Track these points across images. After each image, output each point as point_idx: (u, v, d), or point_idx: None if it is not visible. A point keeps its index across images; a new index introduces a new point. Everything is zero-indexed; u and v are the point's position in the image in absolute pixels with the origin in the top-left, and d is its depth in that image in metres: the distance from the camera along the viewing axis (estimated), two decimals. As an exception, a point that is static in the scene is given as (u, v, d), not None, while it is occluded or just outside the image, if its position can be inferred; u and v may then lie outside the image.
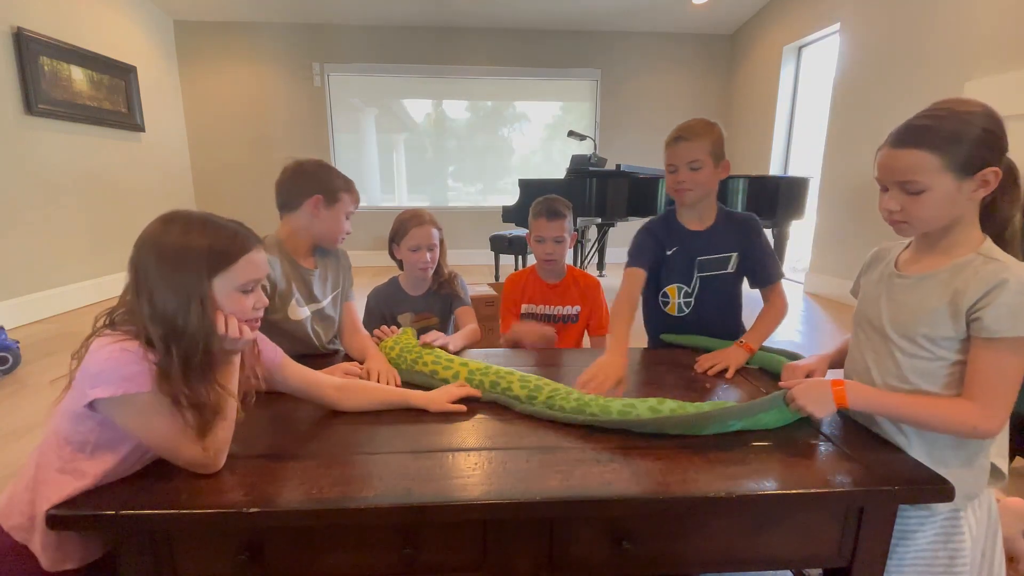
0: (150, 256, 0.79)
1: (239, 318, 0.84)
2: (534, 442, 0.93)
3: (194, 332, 0.79)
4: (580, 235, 4.49)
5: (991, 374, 0.81)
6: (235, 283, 0.83)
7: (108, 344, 0.77)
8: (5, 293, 3.36)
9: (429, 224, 1.58)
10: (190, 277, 0.79)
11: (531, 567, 0.82)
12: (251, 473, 0.81)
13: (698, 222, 1.44)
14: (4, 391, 2.38)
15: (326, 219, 1.37)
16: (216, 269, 0.81)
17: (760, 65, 5.38)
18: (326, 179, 1.37)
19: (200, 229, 0.81)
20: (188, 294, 0.79)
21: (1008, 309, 0.78)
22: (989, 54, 2.99)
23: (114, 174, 4.34)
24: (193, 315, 0.79)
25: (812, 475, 0.82)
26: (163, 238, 0.80)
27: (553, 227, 1.64)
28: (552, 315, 1.72)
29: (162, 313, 0.78)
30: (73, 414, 0.79)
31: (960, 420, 0.83)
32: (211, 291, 0.81)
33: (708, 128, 1.35)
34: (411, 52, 5.75)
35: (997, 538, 0.94)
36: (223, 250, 0.82)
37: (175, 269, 0.79)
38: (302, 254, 1.39)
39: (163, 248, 0.79)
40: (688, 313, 1.47)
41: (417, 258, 1.58)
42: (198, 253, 0.80)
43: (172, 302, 0.78)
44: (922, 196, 0.84)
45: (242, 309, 0.85)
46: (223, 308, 0.83)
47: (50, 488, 0.77)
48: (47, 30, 3.69)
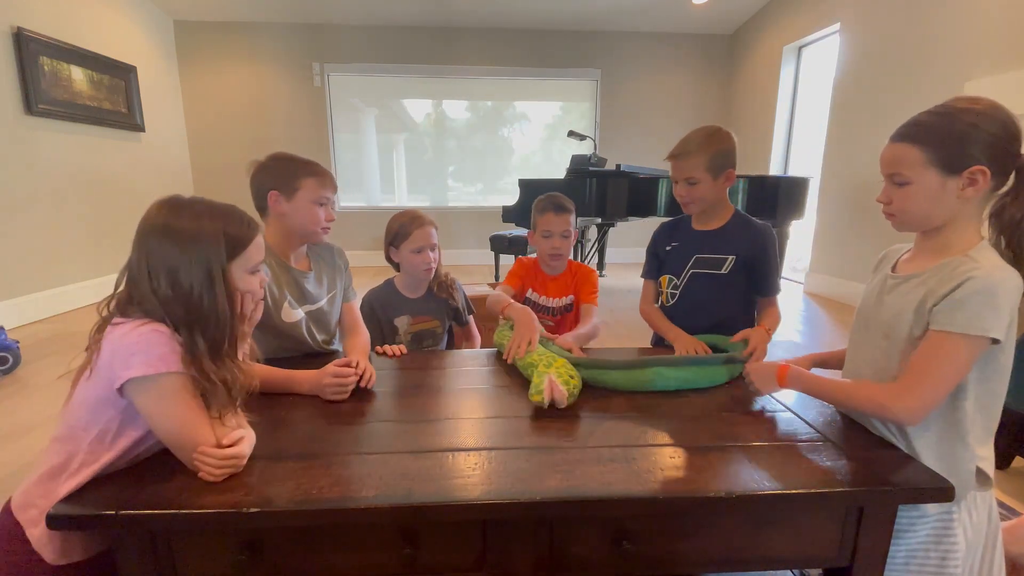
0: (164, 241, 0.80)
1: (253, 297, 0.90)
2: (534, 442, 0.93)
3: (221, 314, 0.82)
4: (580, 235, 4.49)
5: (923, 362, 0.82)
6: (247, 266, 0.88)
7: (137, 327, 0.78)
8: (5, 293, 3.36)
9: (429, 224, 1.58)
10: (211, 261, 0.82)
11: (531, 567, 0.82)
12: (251, 473, 0.81)
13: (706, 224, 1.49)
14: (4, 391, 2.38)
15: (293, 213, 1.29)
16: (233, 254, 0.85)
17: (760, 65, 5.38)
18: (279, 171, 1.29)
19: (211, 215, 0.84)
20: (212, 277, 0.81)
21: (959, 304, 0.79)
22: (989, 54, 2.99)
23: (114, 174, 4.34)
24: (219, 297, 0.81)
25: (812, 475, 0.82)
26: (175, 223, 0.81)
27: (561, 221, 1.65)
28: (551, 307, 1.74)
29: (185, 295, 0.80)
30: (96, 402, 0.79)
31: (877, 400, 0.85)
32: (230, 274, 0.84)
33: (706, 142, 1.36)
34: (411, 52, 5.75)
35: (997, 541, 0.94)
36: (237, 235, 0.85)
37: (195, 252, 0.81)
38: (292, 255, 1.35)
39: (179, 233, 0.81)
40: (672, 304, 1.52)
41: (420, 260, 1.57)
42: (216, 238, 0.82)
43: (195, 284, 0.80)
44: (906, 189, 0.86)
45: (253, 289, 0.90)
46: (240, 289, 0.86)
47: (72, 480, 0.77)
48: (47, 30, 3.69)
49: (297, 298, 1.34)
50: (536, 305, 1.75)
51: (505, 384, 1.20)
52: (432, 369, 1.32)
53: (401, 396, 1.17)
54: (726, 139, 1.39)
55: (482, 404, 1.10)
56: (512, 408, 1.08)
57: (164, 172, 5.15)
